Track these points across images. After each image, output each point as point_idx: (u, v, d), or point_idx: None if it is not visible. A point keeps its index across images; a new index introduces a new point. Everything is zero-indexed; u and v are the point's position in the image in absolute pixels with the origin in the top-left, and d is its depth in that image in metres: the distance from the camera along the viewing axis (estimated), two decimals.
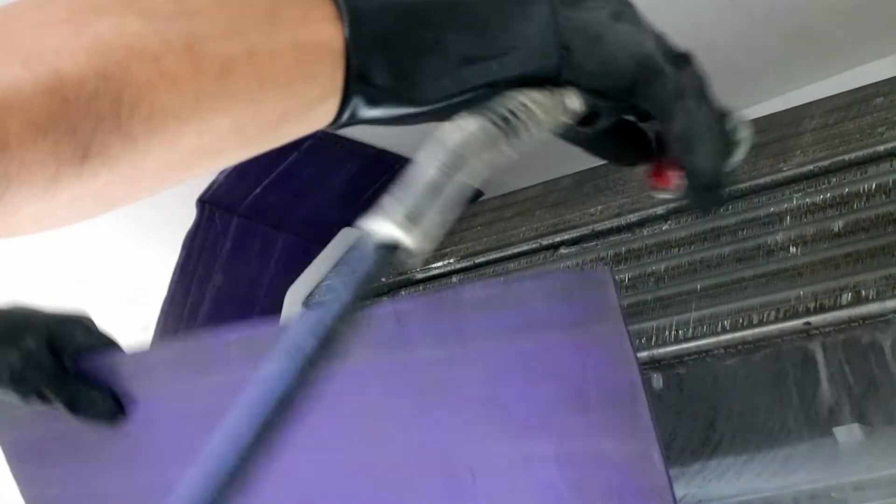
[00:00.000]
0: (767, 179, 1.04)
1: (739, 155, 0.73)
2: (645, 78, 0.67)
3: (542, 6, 0.65)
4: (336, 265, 1.30)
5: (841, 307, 0.96)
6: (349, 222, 1.36)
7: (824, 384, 1.07)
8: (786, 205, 1.02)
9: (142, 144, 0.59)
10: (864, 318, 0.96)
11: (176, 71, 0.59)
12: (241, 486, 0.49)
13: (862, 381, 1.10)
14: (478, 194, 1.32)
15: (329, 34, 0.62)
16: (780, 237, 1.01)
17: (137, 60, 0.58)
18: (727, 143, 0.72)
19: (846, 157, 1.02)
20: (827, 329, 0.98)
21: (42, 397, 1.05)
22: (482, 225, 1.22)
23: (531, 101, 0.63)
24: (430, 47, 0.63)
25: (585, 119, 0.68)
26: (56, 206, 0.60)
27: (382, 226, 0.56)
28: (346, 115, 0.64)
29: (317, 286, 1.31)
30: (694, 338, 1.02)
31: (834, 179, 1.01)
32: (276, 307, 1.31)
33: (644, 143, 0.73)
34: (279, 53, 0.61)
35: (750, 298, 1.00)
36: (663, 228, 1.08)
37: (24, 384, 1.04)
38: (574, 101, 0.65)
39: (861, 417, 1.07)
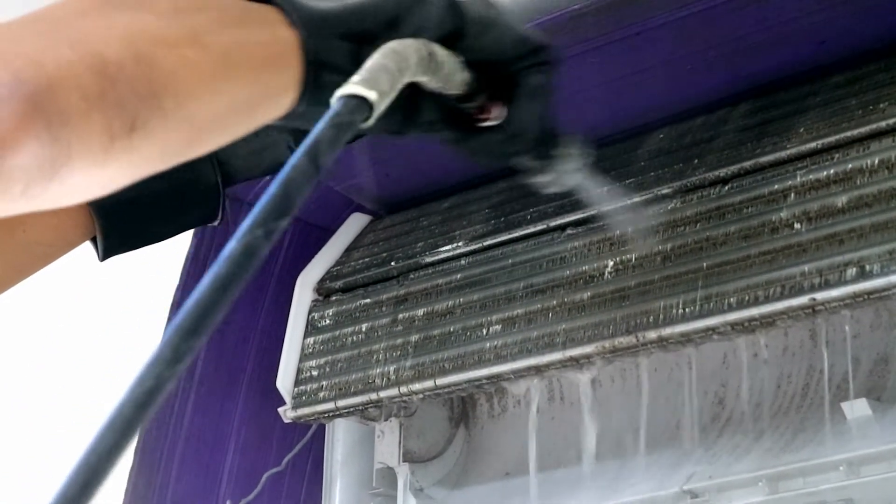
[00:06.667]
0: (771, 157, 1.05)
1: (566, 164, 0.89)
2: (523, 52, 0.84)
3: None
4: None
5: (846, 282, 0.97)
6: (360, 207, 1.36)
7: (832, 359, 1.07)
8: (790, 182, 1.03)
9: (171, 120, 0.69)
10: (868, 293, 0.96)
11: (192, 56, 0.70)
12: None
13: (869, 355, 1.10)
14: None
15: (287, 33, 0.75)
16: (784, 214, 1.02)
17: (161, 47, 0.68)
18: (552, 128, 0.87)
19: (849, 133, 1.02)
20: (833, 304, 0.98)
21: None
22: (490, 208, 1.23)
23: (441, 50, 0.80)
24: (374, 34, 0.78)
25: (463, 98, 0.83)
26: (104, 178, 0.68)
27: (347, 86, 0.69)
28: (303, 104, 0.76)
29: (328, 271, 1.31)
30: (701, 316, 1.02)
31: (837, 156, 1.01)
32: (287, 292, 1.31)
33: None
34: (260, 44, 0.74)
35: (755, 276, 1.01)
36: (669, 208, 1.08)
37: None
38: (464, 74, 0.82)
39: (869, 392, 1.08)
